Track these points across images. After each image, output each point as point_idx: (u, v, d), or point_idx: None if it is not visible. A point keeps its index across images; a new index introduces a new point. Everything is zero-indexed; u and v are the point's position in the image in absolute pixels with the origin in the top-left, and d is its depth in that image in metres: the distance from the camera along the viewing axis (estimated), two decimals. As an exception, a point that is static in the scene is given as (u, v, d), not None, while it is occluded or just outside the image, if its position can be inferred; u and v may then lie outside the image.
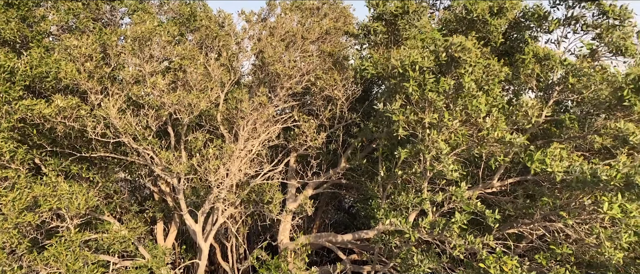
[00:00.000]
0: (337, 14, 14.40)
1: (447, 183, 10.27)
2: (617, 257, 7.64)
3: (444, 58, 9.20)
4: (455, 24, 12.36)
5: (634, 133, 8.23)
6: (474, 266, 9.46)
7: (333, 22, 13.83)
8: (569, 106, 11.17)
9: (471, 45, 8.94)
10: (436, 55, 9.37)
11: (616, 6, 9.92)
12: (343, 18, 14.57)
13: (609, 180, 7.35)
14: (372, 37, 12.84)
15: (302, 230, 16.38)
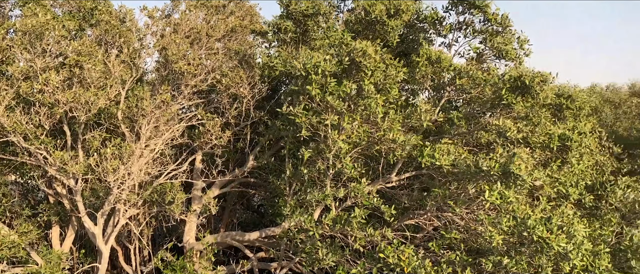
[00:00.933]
0: (243, 12, 14.45)
1: (348, 180, 10.69)
2: (497, 240, 8.39)
3: (346, 62, 9.60)
4: (357, 25, 12.89)
5: (510, 129, 9.10)
6: (374, 257, 9.95)
7: (239, 20, 13.86)
8: (459, 105, 12.05)
9: (372, 51, 9.41)
10: (339, 59, 9.75)
11: (498, 14, 10.88)
12: (249, 16, 14.64)
13: (488, 170, 8.09)
14: (281, 35, 13.05)
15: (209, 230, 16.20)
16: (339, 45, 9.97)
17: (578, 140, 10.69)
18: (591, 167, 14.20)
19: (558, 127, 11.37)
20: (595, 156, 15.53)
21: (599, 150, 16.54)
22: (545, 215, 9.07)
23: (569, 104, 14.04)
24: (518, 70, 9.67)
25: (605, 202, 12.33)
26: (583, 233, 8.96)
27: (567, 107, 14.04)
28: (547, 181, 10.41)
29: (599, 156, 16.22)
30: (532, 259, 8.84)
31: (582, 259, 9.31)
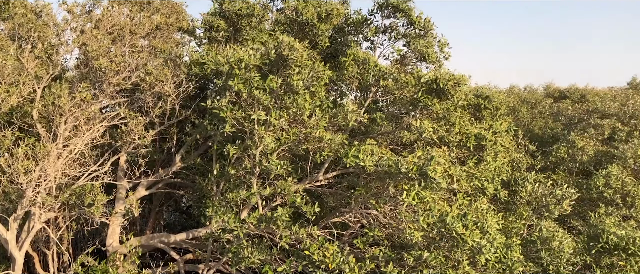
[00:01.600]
0: (169, 9, 14.13)
1: (276, 178, 10.73)
2: (417, 236, 8.74)
3: (273, 55, 9.61)
4: (287, 26, 12.97)
5: (428, 129, 9.50)
6: (300, 255, 10.06)
7: (165, 18, 13.54)
8: (383, 105, 12.40)
9: (299, 46, 9.49)
10: (265, 53, 9.75)
11: (421, 18, 11.31)
12: (176, 14, 14.35)
13: (407, 171, 8.41)
14: (213, 33, 12.88)
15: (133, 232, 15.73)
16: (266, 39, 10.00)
17: (493, 139, 11.30)
18: (507, 164, 15.03)
19: (475, 126, 11.96)
20: (511, 153, 16.46)
21: (515, 148, 17.54)
22: (462, 211, 9.54)
23: (487, 104, 14.81)
24: (434, 73, 10.09)
25: (519, 197, 13.12)
26: (496, 228, 9.50)
27: (485, 106, 14.81)
28: (464, 177, 10.93)
29: (515, 153, 17.19)
30: (450, 253, 9.27)
31: (495, 252, 9.87)
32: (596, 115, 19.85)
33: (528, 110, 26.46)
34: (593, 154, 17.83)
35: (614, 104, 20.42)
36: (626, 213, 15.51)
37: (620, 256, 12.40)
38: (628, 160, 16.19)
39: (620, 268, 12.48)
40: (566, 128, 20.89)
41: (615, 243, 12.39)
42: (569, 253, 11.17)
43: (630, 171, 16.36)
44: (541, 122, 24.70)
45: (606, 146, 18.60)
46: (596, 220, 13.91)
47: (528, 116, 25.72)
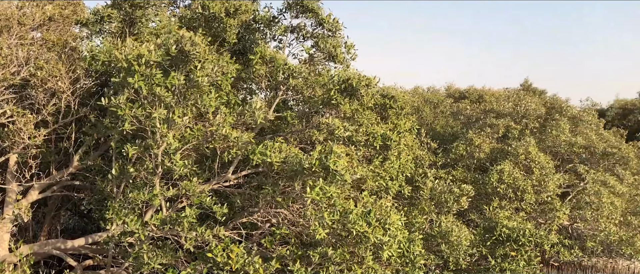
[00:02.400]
0: (64, 0, 13.20)
1: (180, 178, 10.40)
2: (321, 234, 8.85)
3: (174, 51, 9.28)
4: (194, 21, 12.60)
5: (339, 127, 9.66)
6: (205, 257, 9.83)
7: (59, 9, 12.64)
8: (293, 104, 12.44)
9: (201, 41, 9.23)
10: (166, 49, 9.38)
11: (330, 18, 11.46)
12: (72, 6, 13.43)
13: (310, 167, 8.50)
14: (106, 25, 12.20)
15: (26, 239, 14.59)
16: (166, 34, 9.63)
17: (397, 139, 11.69)
18: (411, 161, 15.64)
19: (381, 126, 12.32)
20: (414, 151, 17.15)
21: (418, 146, 18.29)
22: (366, 209, 9.78)
23: (392, 104, 15.32)
24: (346, 73, 10.28)
25: (421, 193, 13.72)
26: (398, 224, 9.85)
27: (391, 106, 15.31)
28: (371, 175, 11.23)
29: (418, 151, 17.94)
30: (355, 249, 9.48)
31: (398, 247, 10.23)
32: (492, 115, 21.23)
33: (431, 110, 27.75)
34: (489, 151, 19.05)
35: (508, 104, 21.96)
36: (517, 206, 16.74)
37: (512, 246, 13.37)
38: (519, 156, 17.46)
39: (512, 257, 13.46)
40: (465, 126, 22.15)
41: (508, 235, 13.33)
42: (467, 245, 11.84)
43: (522, 166, 17.67)
44: (443, 121, 26.00)
45: (501, 144, 19.95)
46: (491, 213, 14.90)
47: (431, 115, 26.98)
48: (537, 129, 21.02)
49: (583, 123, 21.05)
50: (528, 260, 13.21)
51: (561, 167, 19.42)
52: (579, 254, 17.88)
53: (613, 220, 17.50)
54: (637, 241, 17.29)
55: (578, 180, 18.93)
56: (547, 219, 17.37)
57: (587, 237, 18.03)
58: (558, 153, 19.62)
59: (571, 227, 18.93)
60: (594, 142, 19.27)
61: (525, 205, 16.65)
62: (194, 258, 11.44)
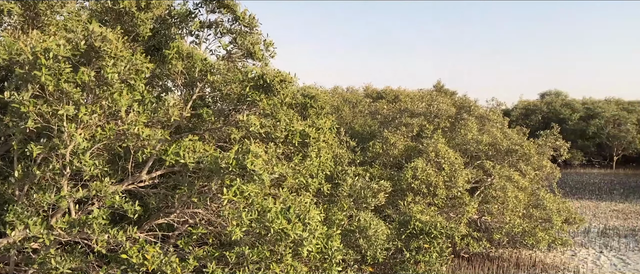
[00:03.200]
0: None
1: (90, 179, 9.89)
2: (237, 233, 8.78)
3: (83, 47, 8.82)
4: (105, 15, 12.03)
5: (254, 124, 9.61)
6: (119, 259, 9.42)
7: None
8: (210, 101, 12.22)
9: (113, 37, 8.83)
10: (75, 44, 8.89)
11: (246, 14, 11.37)
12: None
13: (227, 166, 8.40)
14: (5, 17, 11.33)
15: None
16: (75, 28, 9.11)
17: (316, 136, 11.82)
18: (330, 159, 15.89)
19: (300, 123, 12.40)
20: (334, 149, 17.43)
21: (337, 144, 18.61)
22: (286, 206, 9.81)
23: (313, 103, 15.49)
24: (261, 69, 10.24)
25: (340, 190, 13.97)
26: (317, 219, 9.96)
27: (311, 105, 15.47)
28: (290, 173, 11.27)
29: (338, 149, 18.25)
30: (274, 247, 9.47)
31: (317, 243, 10.35)
32: (407, 114, 22.02)
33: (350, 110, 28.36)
34: (403, 149, 19.76)
35: (422, 104, 22.89)
36: (430, 201, 17.49)
37: (425, 239, 13.95)
38: (431, 153, 18.25)
39: (425, 250, 14.03)
40: (382, 125, 22.82)
41: (421, 228, 13.90)
42: (383, 240, 12.21)
43: (434, 163, 18.47)
44: (361, 120, 26.63)
45: (415, 142, 20.75)
46: (405, 208, 15.45)
47: (350, 115, 27.56)
48: (448, 128, 22.08)
49: (489, 122, 22.38)
50: (440, 252, 13.83)
51: (470, 163, 20.51)
52: (486, 245, 18.99)
53: (517, 212, 18.75)
54: (539, 232, 18.66)
55: (485, 175, 20.08)
56: (457, 213, 18.29)
57: (494, 229, 19.20)
58: (467, 150, 20.72)
59: (479, 220, 20.08)
60: (499, 140, 20.54)
61: (438, 200, 17.43)
62: (106, 262, 10.92)
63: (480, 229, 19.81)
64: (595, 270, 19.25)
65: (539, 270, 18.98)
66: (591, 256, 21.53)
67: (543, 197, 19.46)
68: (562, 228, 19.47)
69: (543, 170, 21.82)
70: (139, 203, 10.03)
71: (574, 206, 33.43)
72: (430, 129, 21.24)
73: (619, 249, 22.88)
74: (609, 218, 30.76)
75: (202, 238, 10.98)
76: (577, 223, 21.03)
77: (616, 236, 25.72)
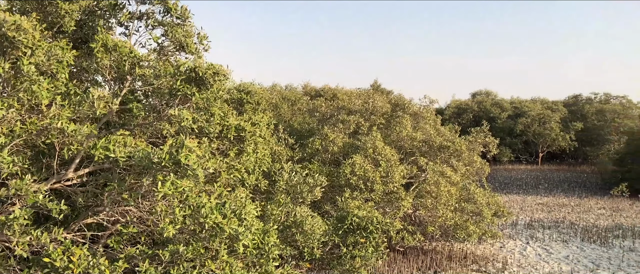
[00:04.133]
0: None
1: (10, 177, 9.29)
2: (170, 231, 8.52)
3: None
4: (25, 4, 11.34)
5: (187, 118, 9.36)
6: (41, 263, 8.90)
7: None
8: (142, 96, 11.80)
9: (29, 26, 8.32)
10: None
11: (178, 5, 11.05)
12: None
13: (160, 161, 8.13)
14: None
15: None
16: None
17: (252, 130, 11.69)
18: (268, 155, 15.79)
19: (235, 118, 12.23)
20: (272, 146, 17.34)
21: (275, 141, 18.53)
22: (221, 201, 9.63)
23: (249, 99, 15.33)
24: (193, 62, 9.99)
25: (277, 185, 13.89)
26: (254, 214, 9.84)
27: (248, 101, 15.31)
28: (226, 168, 11.08)
29: (276, 146, 18.17)
30: (209, 243, 9.27)
31: (253, 239, 10.24)
32: (344, 112, 22.25)
33: (289, 107, 28.31)
34: (342, 145, 19.94)
35: (359, 102, 23.21)
36: (367, 196, 17.75)
37: (362, 234, 14.12)
38: (368, 150, 18.53)
39: (361, 244, 14.21)
40: (321, 123, 22.94)
41: (358, 223, 14.07)
42: (320, 235, 12.25)
43: (371, 159, 18.77)
44: (300, 117, 26.67)
45: (352, 139, 21.01)
46: (343, 203, 15.60)
47: (289, 112, 27.52)
48: (384, 125, 22.51)
49: (423, 119, 23.01)
50: (376, 246, 14.04)
51: (405, 159, 21.00)
52: (421, 239, 19.51)
53: (449, 206, 19.38)
54: (469, 225, 19.37)
55: (420, 171, 20.62)
56: (393, 208, 18.67)
57: (427, 223, 19.75)
58: (402, 146, 21.20)
59: (414, 214, 20.60)
60: (432, 137, 21.16)
61: (375, 195, 17.72)
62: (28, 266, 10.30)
63: (414, 223, 20.33)
64: (522, 260, 20.22)
65: (470, 262, 19.72)
66: (518, 247, 22.62)
67: (474, 192, 20.23)
68: (492, 221, 20.32)
69: (474, 166, 22.68)
70: (66, 202, 9.53)
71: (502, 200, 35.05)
72: (367, 126, 21.57)
73: (544, 240, 24.16)
74: (535, 211, 32.44)
75: (135, 237, 10.60)
76: (505, 216, 22.02)
77: (541, 227, 27.16)
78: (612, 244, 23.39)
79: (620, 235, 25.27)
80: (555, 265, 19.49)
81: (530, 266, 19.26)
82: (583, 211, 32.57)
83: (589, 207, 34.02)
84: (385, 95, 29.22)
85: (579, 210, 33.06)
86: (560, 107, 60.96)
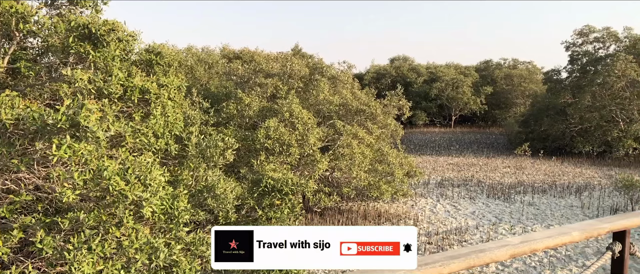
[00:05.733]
0: None
1: None
2: (69, 196, 8.07)
3: None
4: None
5: (81, 79, 8.79)
6: None
7: None
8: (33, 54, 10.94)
9: None
10: None
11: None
12: None
13: (55, 123, 7.61)
14: None
15: None
16: None
17: (158, 93, 11.23)
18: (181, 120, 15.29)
19: (141, 79, 11.67)
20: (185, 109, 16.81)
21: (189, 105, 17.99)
22: (124, 166, 9.22)
23: (159, 60, 14.65)
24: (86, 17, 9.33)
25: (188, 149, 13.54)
26: (160, 180, 9.53)
27: (157, 62, 14.63)
28: (130, 132, 10.59)
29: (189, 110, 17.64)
30: (113, 210, 8.90)
31: (161, 204, 9.94)
32: (262, 75, 21.96)
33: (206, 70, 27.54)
34: (258, 109, 19.74)
35: (277, 65, 22.96)
36: (284, 160, 17.80)
37: (277, 196, 14.17)
38: (285, 114, 18.48)
39: (277, 206, 14.27)
40: (238, 86, 22.53)
41: (273, 186, 14.08)
42: (233, 198, 12.14)
43: (288, 123, 18.76)
44: (217, 81, 26.06)
45: (270, 103, 20.84)
46: (258, 166, 15.53)
47: (205, 75, 26.79)
48: (302, 89, 22.49)
49: (340, 83, 23.23)
50: (291, 208, 14.13)
51: (323, 123, 21.19)
52: (337, 199, 19.95)
53: (363, 167, 19.88)
54: (382, 184, 20.02)
55: (337, 134, 20.91)
56: (310, 171, 18.88)
57: (343, 184, 20.20)
58: (320, 110, 21.35)
59: (331, 176, 20.97)
60: (349, 100, 21.44)
61: (291, 159, 17.79)
62: None
63: (331, 185, 20.72)
64: (432, 217, 21.29)
65: (383, 219, 20.48)
66: (429, 204, 23.76)
67: (387, 153, 20.87)
68: (403, 180, 21.13)
69: (388, 128, 23.34)
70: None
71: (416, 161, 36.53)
72: (285, 90, 21.45)
73: (453, 197, 25.54)
74: (446, 171, 34.14)
75: (31, 206, 9.96)
76: (417, 176, 22.97)
77: (451, 186, 28.65)
78: (514, 199, 25.14)
79: (522, 191, 27.21)
80: (462, 220, 20.69)
81: (439, 222, 20.32)
82: (490, 170, 34.68)
83: (495, 166, 36.28)
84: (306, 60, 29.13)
85: (486, 168, 35.17)
86: (472, 72, 63.86)
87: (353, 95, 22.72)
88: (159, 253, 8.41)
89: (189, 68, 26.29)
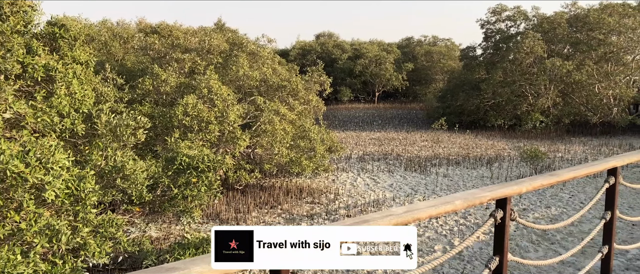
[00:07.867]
0: None
1: None
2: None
3: None
4: None
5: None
6: None
7: None
8: None
9: None
10: None
11: None
12: None
13: None
14: None
15: None
16: None
17: (63, 70, 10.71)
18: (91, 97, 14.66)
19: (45, 57, 11.07)
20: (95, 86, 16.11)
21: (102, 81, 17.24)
22: (25, 149, 8.79)
23: (63, 33, 13.89)
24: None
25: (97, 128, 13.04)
26: (64, 163, 9.17)
27: (61, 36, 13.87)
28: (31, 112, 10.08)
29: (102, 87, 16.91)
30: (11, 194, 8.49)
31: (66, 187, 9.57)
32: (179, 50, 21.38)
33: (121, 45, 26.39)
34: (175, 86, 19.27)
35: (195, 40, 22.42)
36: (203, 137, 17.57)
37: (193, 173, 14.03)
38: (203, 90, 18.18)
39: (193, 184, 14.14)
40: (154, 62, 21.81)
41: (188, 163, 13.92)
42: (143, 178, 11.89)
43: (207, 100, 18.47)
44: (133, 56, 25.07)
45: (188, 79, 20.38)
46: (173, 144, 15.26)
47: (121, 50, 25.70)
48: (221, 64, 22.15)
49: (261, 58, 23.09)
50: (209, 185, 14.07)
51: (244, 100, 21.06)
52: (259, 176, 20.02)
53: (285, 144, 20.02)
54: (303, 160, 20.29)
55: (258, 110, 20.86)
56: (231, 148, 18.78)
57: (265, 161, 20.27)
58: (240, 86, 21.17)
59: (252, 153, 20.97)
60: (268, 76, 21.40)
61: (210, 136, 17.60)
62: None
63: (253, 162, 20.74)
64: (352, 190, 21.91)
65: (305, 194, 20.83)
66: (350, 179, 24.39)
67: (309, 129, 21.11)
68: (325, 156, 21.51)
69: (310, 104, 23.57)
70: None
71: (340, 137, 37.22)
72: (203, 65, 21.05)
73: (373, 171, 26.35)
74: (368, 145, 35.07)
75: None
76: (338, 151, 23.46)
77: (371, 160, 29.52)
78: (430, 171, 26.33)
79: (437, 163, 28.53)
80: (380, 193, 21.45)
81: (358, 195, 20.96)
82: (409, 144, 36.01)
83: (414, 140, 37.69)
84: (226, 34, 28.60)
85: (405, 142, 36.48)
86: (395, 49, 65.38)
87: (273, 71, 22.68)
88: (61, 235, 8.15)
89: (103, 44, 25.08)
